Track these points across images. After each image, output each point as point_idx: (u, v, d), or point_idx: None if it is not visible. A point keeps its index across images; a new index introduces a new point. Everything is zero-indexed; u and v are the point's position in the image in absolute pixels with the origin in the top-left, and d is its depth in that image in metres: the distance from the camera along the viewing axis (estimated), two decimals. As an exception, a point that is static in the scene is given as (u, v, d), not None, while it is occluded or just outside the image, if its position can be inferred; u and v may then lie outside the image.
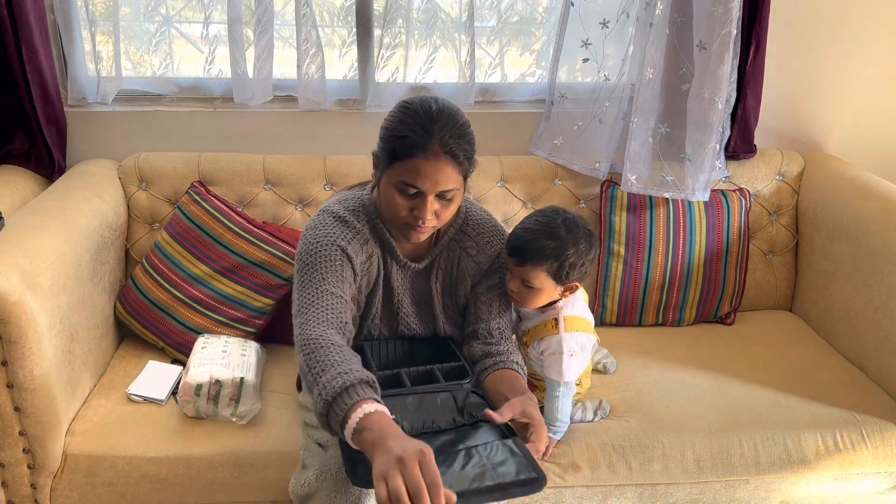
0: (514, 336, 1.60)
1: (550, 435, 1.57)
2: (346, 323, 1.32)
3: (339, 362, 1.18)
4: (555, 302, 1.56)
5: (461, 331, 1.53)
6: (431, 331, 1.52)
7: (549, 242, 1.47)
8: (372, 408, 1.11)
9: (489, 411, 1.23)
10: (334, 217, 1.42)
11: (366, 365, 1.33)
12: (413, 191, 1.30)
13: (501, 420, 1.22)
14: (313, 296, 1.31)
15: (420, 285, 1.50)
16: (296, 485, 1.38)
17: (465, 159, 1.31)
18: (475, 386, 1.39)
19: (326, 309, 1.30)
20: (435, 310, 1.50)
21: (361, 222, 1.42)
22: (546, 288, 1.51)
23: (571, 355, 1.53)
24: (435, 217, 1.34)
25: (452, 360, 1.45)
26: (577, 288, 1.57)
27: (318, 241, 1.37)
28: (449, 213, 1.36)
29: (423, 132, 1.27)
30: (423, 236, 1.39)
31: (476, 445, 1.18)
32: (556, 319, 1.55)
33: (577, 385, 1.66)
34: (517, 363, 1.44)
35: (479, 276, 1.50)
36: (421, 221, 1.32)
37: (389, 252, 1.45)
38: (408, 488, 0.98)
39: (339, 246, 1.37)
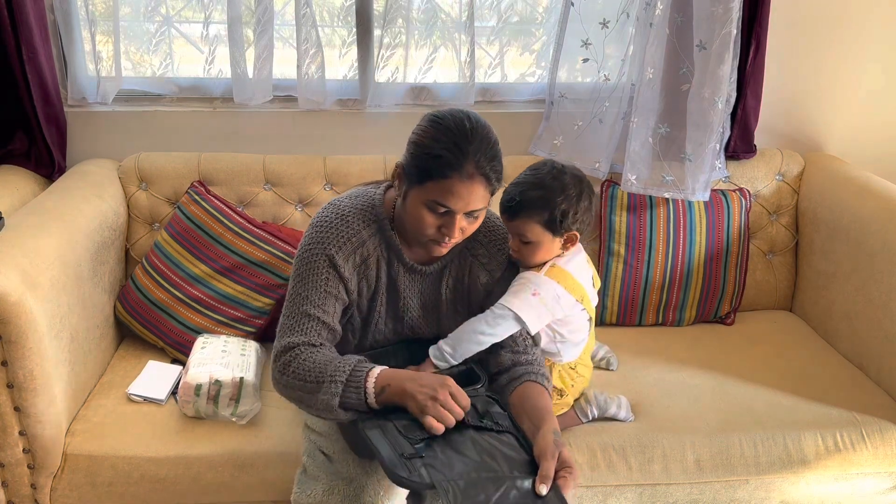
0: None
1: (433, 356, 1.45)
2: (322, 344, 1.34)
3: (328, 361, 1.28)
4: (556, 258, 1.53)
5: None
6: (435, 335, 1.50)
7: (537, 192, 1.47)
8: (377, 370, 1.26)
9: (540, 486, 1.17)
10: (337, 214, 1.40)
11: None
12: (443, 210, 1.30)
13: (547, 488, 1.16)
14: (293, 319, 1.35)
15: (429, 290, 1.48)
16: (300, 495, 1.37)
17: (496, 180, 1.30)
18: (490, 390, 1.37)
19: (302, 332, 1.33)
20: (441, 315, 1.49)
21: (366, 222, 1.40)
22: (543, 241, 1.49)
23: (535, 294, 1.46)
24: (461, 233, 1.34)
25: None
26: (576, 238, 1.53)
27: (311, 248, 1.37)
28: (473, 229, 1.36)
29: (458, 152, 1.25)
30: (446, 250, 1.38)
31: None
32: (545, 264, 1.52)
33: (579, 375, 1.65)
34: (543, 375, 1.42)
35: (491, 283, 1.48)
36: (447, 238, 1.33)
37: (396, 255, 1.43)
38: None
39: (327, 255, 1.36)
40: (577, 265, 1.56)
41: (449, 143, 1.26)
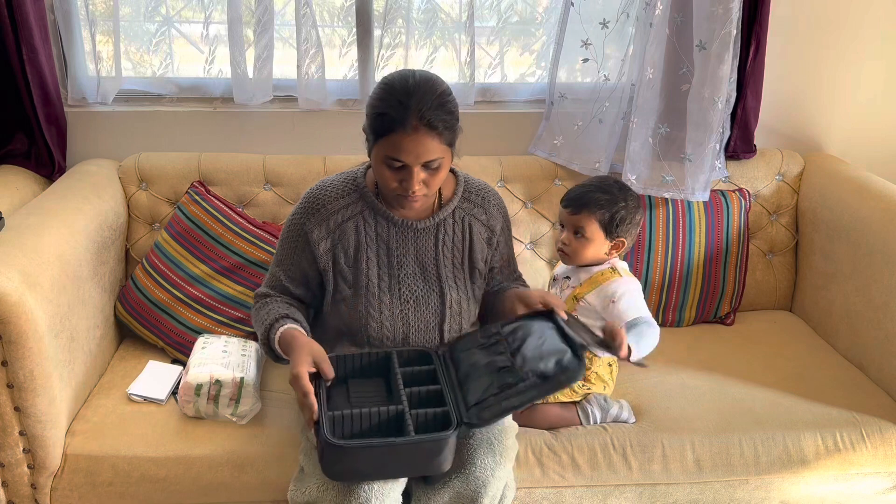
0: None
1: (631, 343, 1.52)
2: (269, 296, 1.55)
3: (261, 319, 1.48)
4: (601, 262, 1.68)
5: (469, 297, 1.58)
6: (437, 293, 1.54)
7: (603, 195, 1.66)
8: (277, 335, 1.43)
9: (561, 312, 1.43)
10: (320, 186, 1.54)
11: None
12: (398, 164, 1.37)
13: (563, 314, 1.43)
14: (269, 273, 1.59)
15: (425, 246, 1.54)
16: (296, 492, 1.38)
17: (444, 129, 1.36)
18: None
19: (269, 287, 1.57)
20: (441, 271, 1.54)
21: (346, 191, 1.52)
22: (595, 239, 1.65)
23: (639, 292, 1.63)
24: (424, 186, 1.40)
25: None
26: (622, 246, 1.68)
27: (292, 218, 1.54)
28: (437, 181, 1.43)
29: (400, 108, 1.34)
30: (418, 205, 1.45)
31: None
32: (614, 268, 1.67)
33: (604, 384, 1.70)
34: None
35: (493, 237, 1.58)
36: (411, 192, 1.39)
37: (382, 216, 1.52)
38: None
39: (301, 225, 1.52)
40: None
41: (392, 101, 1.35)
